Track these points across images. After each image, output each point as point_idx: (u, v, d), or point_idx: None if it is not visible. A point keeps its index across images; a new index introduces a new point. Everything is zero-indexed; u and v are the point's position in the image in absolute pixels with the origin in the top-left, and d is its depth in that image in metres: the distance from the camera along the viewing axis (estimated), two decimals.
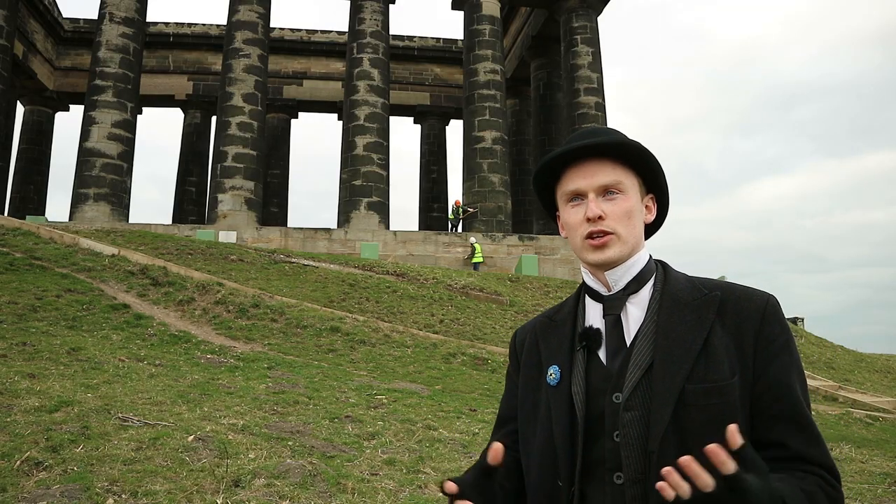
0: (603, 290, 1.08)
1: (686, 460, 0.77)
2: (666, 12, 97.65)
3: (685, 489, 0.77)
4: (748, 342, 0.98)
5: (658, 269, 1.10)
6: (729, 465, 0.76)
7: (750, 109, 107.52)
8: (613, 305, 1.06)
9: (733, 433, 0.77)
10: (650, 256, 1.11)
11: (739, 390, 0.95)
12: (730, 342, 0.98)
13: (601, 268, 1.06)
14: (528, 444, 1.09)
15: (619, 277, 1.06)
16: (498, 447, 0.96)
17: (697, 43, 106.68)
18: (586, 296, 1.12)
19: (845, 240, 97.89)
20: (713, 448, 0.76)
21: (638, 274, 1.06)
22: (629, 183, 1.07)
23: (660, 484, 0.79)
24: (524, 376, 1.14)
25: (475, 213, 19.34)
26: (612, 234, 1.04)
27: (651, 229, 1.14)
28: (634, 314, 1.05)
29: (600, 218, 1.04)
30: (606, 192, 1.05)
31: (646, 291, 1.06)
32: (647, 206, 1.11)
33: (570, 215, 1.08)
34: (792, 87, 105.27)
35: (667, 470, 0.78)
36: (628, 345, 1.03)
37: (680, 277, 1.08)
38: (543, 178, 1.13)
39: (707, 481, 0.76)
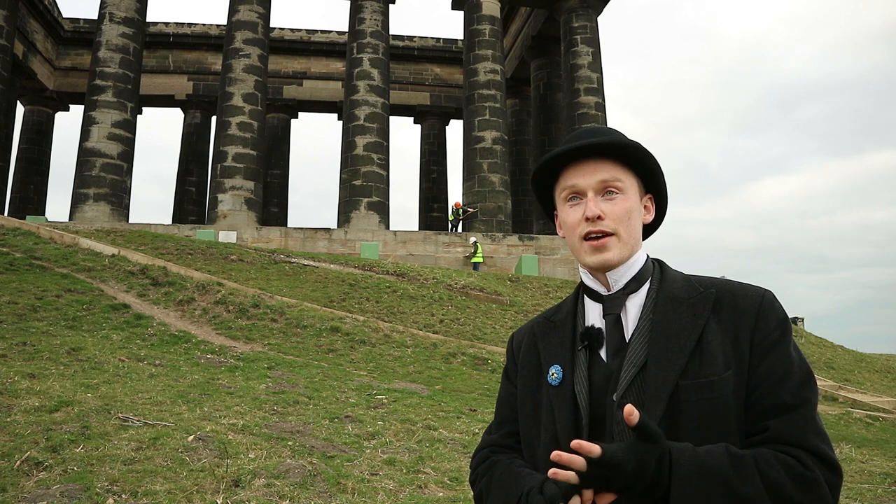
0: (602, 290, 1.08)
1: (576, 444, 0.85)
2: (669, 10, 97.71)
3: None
4: (744, 338, 0.98)
5: (655, 268, 1.10)
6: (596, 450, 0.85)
7: (753, 108, 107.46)
8: (613, 305, 1.06)
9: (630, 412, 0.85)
10: (647, 256, 1.11)
11: (734, 385, 0.95)
12: (725, 338, 0.98)
13: (601, 269, 1.06)
14: (531, 447, 1.08)
15: (620, 277, 1.06)
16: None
17: (701, 41, 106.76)
18: (585, 296, 1.11)
19: (847, 240, 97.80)
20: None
21: (637, 273, 1.06)
22: (628, 183, 1.07)
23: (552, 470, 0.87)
24: (523, 377, 1.13)
25: (475, 213, 19.35)
26: (611, 234, 1.04)
27: (649, 230, 1.15)
28: (632, 313, 1.05)
29: (599, 218, 1.03)
30: (605, 191, 1.05)
31: (643, 290, 1.06)
32: (645, 207, 1.11)
33: (569, 214, 1.08)
34: (796, 85, 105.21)
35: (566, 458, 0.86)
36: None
37: (676, 276, 1.08)
38: (542, 178, 1.13)
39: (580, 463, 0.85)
